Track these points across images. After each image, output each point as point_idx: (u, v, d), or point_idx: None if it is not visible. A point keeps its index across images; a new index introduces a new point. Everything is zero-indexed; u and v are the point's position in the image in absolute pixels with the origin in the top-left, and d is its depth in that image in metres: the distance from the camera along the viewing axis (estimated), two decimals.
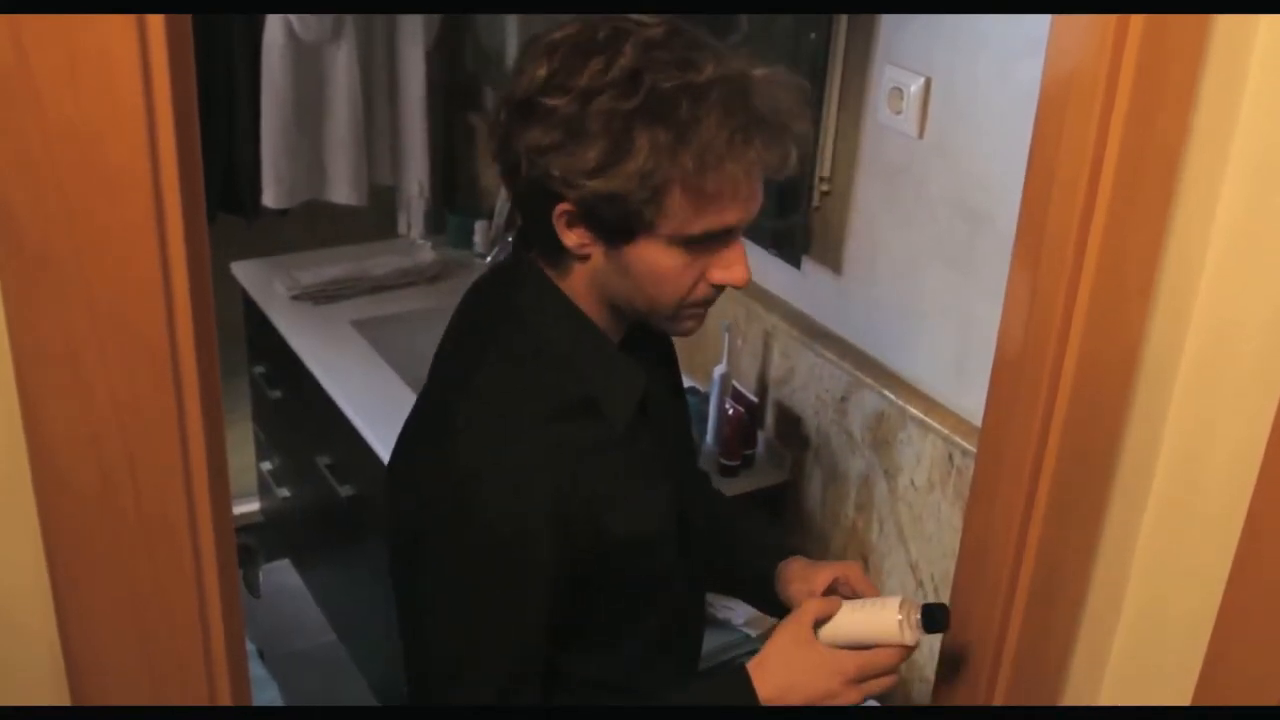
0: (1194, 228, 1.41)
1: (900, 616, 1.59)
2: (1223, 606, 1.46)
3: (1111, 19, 1.29)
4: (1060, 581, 1.59)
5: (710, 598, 2.92)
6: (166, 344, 1.00)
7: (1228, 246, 1.41)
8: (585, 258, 1.52)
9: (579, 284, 1.56)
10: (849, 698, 1.61)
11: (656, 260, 1.48)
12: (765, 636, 2.83)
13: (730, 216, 1.46)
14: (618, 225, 1.45)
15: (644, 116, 1.39)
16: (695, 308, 1.56)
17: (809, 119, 1.50)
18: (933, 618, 1.59)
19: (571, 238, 1.49)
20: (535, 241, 1.56)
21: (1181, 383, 1.48)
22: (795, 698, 1.62)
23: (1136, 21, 1.29)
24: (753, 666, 1.64)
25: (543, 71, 1.43)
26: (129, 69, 0.93)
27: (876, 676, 1.62)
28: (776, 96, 1.45)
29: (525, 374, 1.57)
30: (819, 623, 1.65)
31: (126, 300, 0.99)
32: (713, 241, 1.48)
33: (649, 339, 1.71)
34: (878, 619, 1.61)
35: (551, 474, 1.52)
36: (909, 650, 1.61)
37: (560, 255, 1.54)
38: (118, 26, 0.92)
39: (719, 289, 1.54)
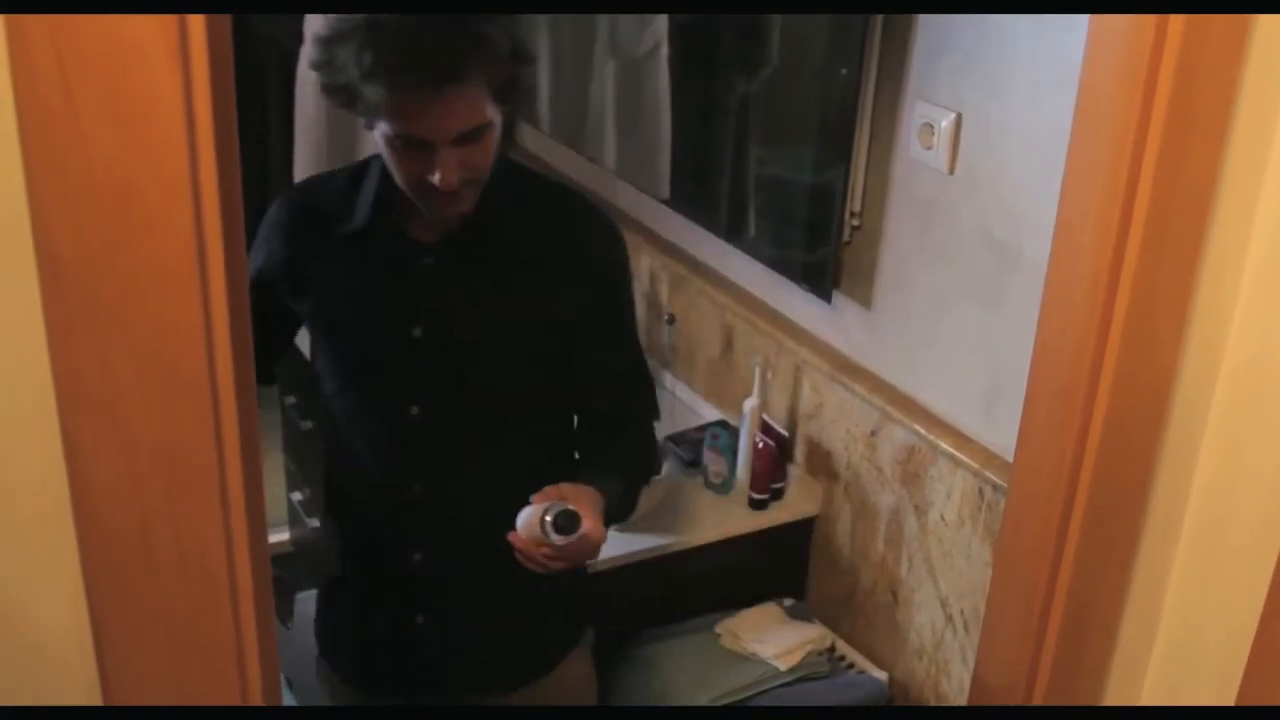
0: (1227, 259, 1.41)
1: (548, 518, 1.90)
2: (1257, 638, 1.46)
3: (1145, 53, 1.29)
4: (1093, 617, 1.59)
5: (741, 633, 2.91)
6: (207, 385, 1.01)
7: (1261, 277, 1.41)
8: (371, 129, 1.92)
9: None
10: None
11: (382, 148, 1.91)
12: (794, 670, 2.83)
13: (405, 127, 1.83)
14: (356, 113, 1.90)
15: (344, 42, 1.84)
16: (427, 197, 1.91)
17: (462, 60, 1.82)
18: (560, 520, 1.89)
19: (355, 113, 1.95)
20: None
21: (1214, 415, 1.48)
22: None
23: (1170, 54, 1.29)
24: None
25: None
26: (172, 112, 0.94)
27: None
28: (427, 41, 1.81)
29: (318, 181, 2.27)
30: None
31: (168, 342, 1.00)
32: (414, 146, 1.85)
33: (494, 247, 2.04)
34: (532, 514, 1.93)
35: (280, 228, 2.12)
36: (547, 545, 1.92)
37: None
38: (162, 68, 0.94)
39: (431, 186, 1.87)
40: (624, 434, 2.20)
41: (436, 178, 1.85)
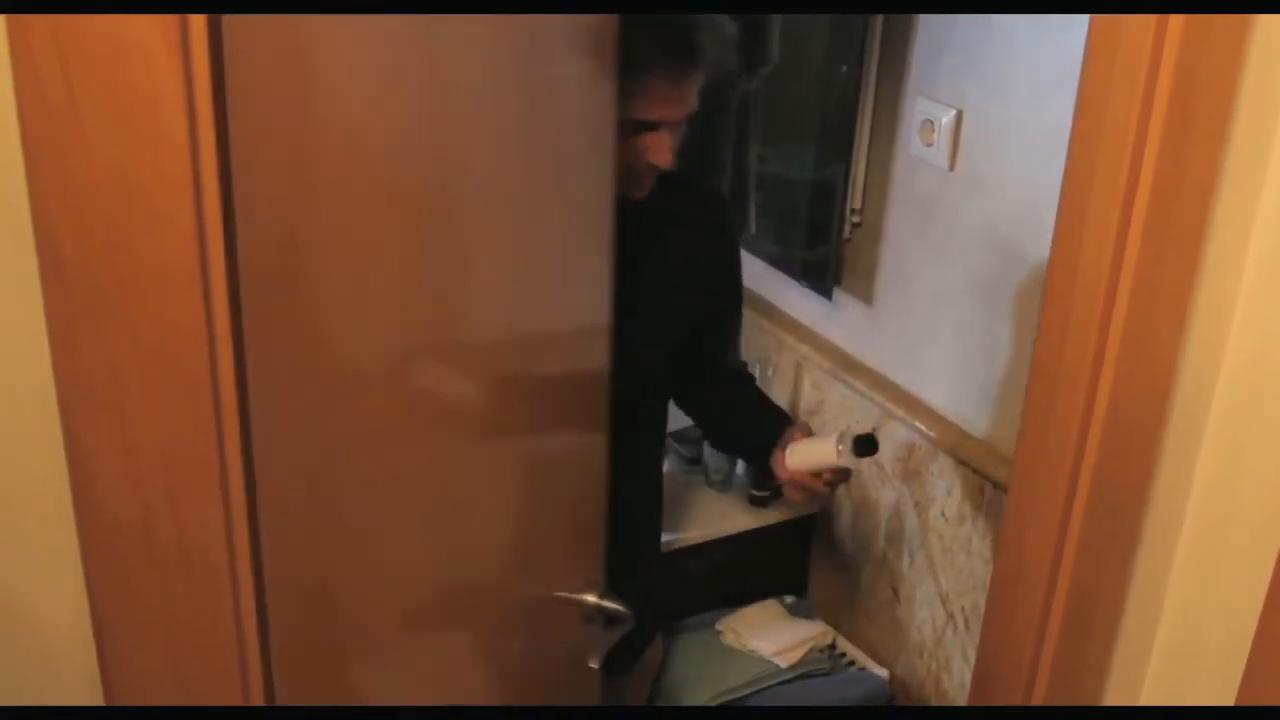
0: (1227, 259, 1.41)
1: (841, 446, 1.98)
2: (1257, 638, 1.46)
3: (1145, 52, 1.29)
4: (1093, 616, 1.59)
5: (742, 630, 2.92)
6: (209, 384, 1.01)
7: (1261, 277, 1.41)
8: None
9: None
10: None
11: None
12: (795, 667, 2.84)
13: (647, 109, 1.88)
14: None
15: None
16: (624, 180, 1.90)
17: (711, 57, 1.91)
18: (860, 444, 1.97)
19: None
20: None
21: (1215, 414, 1.48)
22: None
23: (1169, 54, 1.29)
24: None
25: None
26: (174, 111, 0.94)
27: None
28: (684, 37, 1.89)
29: None
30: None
31: (170, 341, 1.00)
32: (639, 129, 1.89)
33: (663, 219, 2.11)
34: (823, 446, 2.02)
35: None
36: (845, 471, 2.06)
37: None
38: (164, 67, 0.94)
39: (654, 167, 1.94)
40: (752, 384, 2.36)
41: (660, 158, 1.92)
